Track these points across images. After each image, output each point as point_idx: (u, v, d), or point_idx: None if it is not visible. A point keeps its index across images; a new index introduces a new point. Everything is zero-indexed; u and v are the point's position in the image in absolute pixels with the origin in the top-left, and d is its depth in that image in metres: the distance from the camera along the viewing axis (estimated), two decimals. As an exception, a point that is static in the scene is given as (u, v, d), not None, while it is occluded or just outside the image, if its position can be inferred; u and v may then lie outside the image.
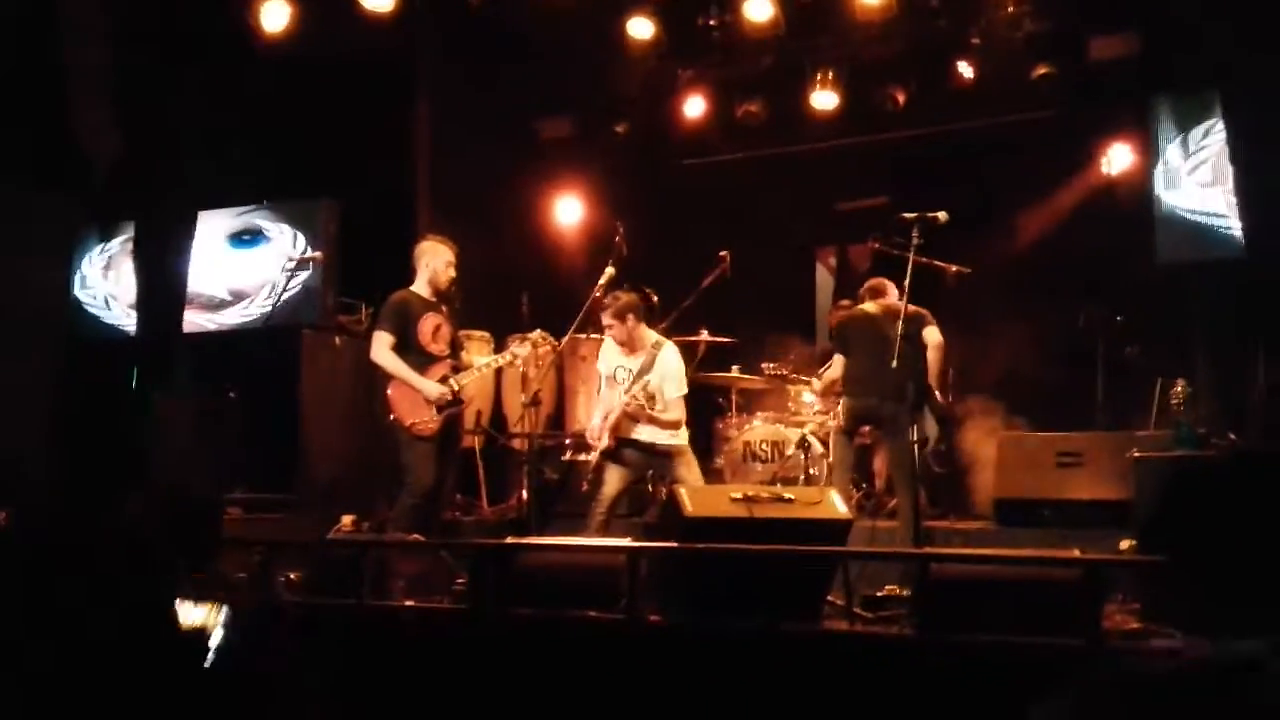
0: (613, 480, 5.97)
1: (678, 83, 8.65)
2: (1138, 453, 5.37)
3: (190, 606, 3.26)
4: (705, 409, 7.39)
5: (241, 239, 7.95)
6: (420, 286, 6.02)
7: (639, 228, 6.98)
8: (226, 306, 7.89)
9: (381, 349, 5.87)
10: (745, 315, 7.80)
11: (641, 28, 8.05)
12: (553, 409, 7.90)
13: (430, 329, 5.94)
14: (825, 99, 8.26)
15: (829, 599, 4.42)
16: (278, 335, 7.53)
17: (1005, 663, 3.53)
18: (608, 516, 5.94)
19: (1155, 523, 4.72)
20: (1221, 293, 6.35)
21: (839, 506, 4.69)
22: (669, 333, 6.59)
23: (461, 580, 4.88)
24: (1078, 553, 4.21)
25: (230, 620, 3.19)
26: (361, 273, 7.61)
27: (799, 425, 7.10)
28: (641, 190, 8.82)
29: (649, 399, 5.92)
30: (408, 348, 5.88)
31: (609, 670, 4.06)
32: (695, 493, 4.74)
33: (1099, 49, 7.56)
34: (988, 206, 7.72)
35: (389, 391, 5.85)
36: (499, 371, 7.45)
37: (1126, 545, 4.80)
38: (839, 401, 6.48)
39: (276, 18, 7.59)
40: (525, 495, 6.55)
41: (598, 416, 6.07)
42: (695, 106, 8.64)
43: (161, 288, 7.06)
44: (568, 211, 9.19)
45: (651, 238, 7.50)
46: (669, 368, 6.00)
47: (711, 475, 6.63)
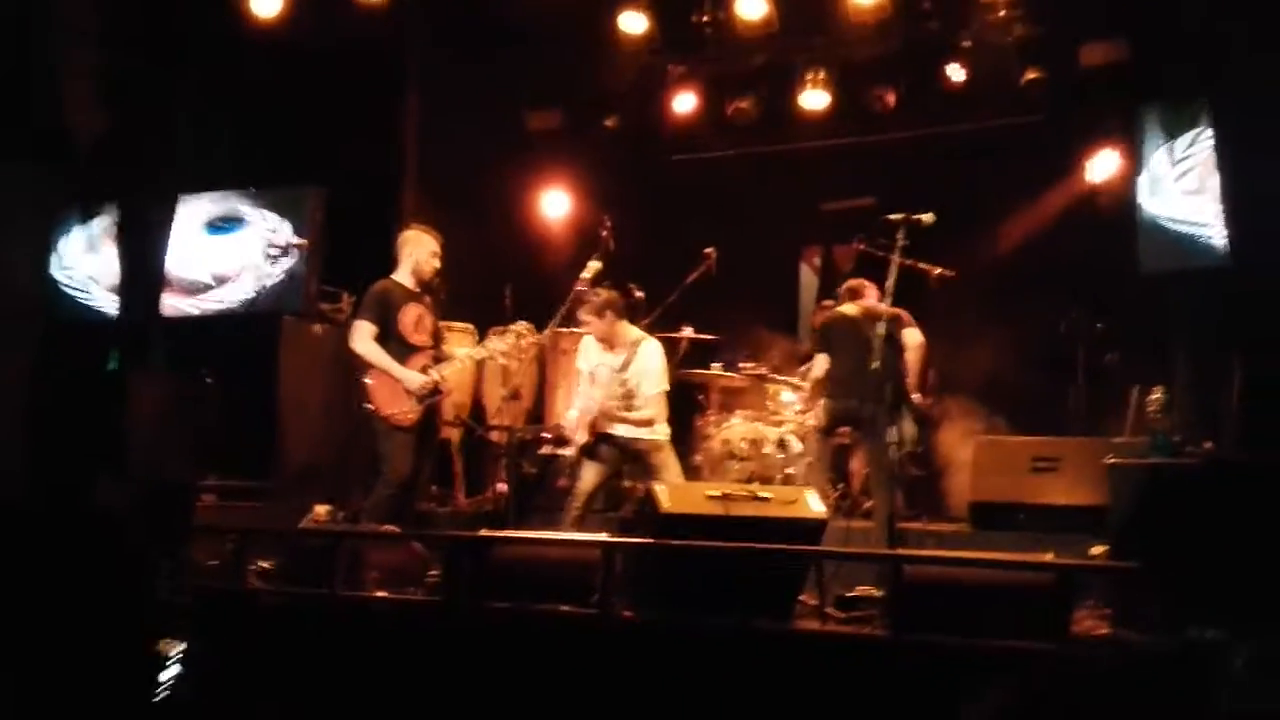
0: (589, 475, 5.97)
1: (668, 78, 8.63)
2: (1113, 459, 5.39)
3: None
4: (685, 406, 7.38)
5: (219, 225, 7.89)
6: (403, 276, 5.99)
7: (626, 222, 6.97)
8: (208, 290, 7.84)
9: (362, 338, 5.83)
10: (729, 313, 7.79)
11: (633, 22, 8.04)
12: (532, 403, 7.87)
13: (412, 319, 5.90)
14: (815, 98, 8.26)
15: (802, 598, 4.44)
16: (258, 321, 7.49)
17: (976, 665, 3.55)
18: (584, 511, 5.94)
19: (1129, 529, 4.75)
20: (1202, 302, 6.37)
21: (814, 506, 4.69)
22: (652, 329, 6.58)
23: (435, 572, 4.87)
24: (1051, 557, 4.23)
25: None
26: (344, 261, 7.58)
27: (778, 424, 7.10)
28: (629, 185, 8.79)
29: (628, 396, 5.92)
30: (389, 337, 5.84)
31: (582, 665, 4.07)
32: (671, 489, 4.74)
33: (1088, 55, 7.57)
34: (974, 210, 7.73)
35: (367, 381, 5.80)
36: (479, 363, 7.43)
37: (1098, 551, 4.82)
38: (820, 402, 6.48)
39: (267, 4, 7.54)
40: (503, 488, 6.53)
41: (574, 411, 6.06)
42: (685, 102, 8.62)
43: (142, 271, 7.02)
44: (555, 204, 9.15)
45: (638, 232, 7.48)
46: (648, 364, 5.99)
47: (689, 472, 6.62)
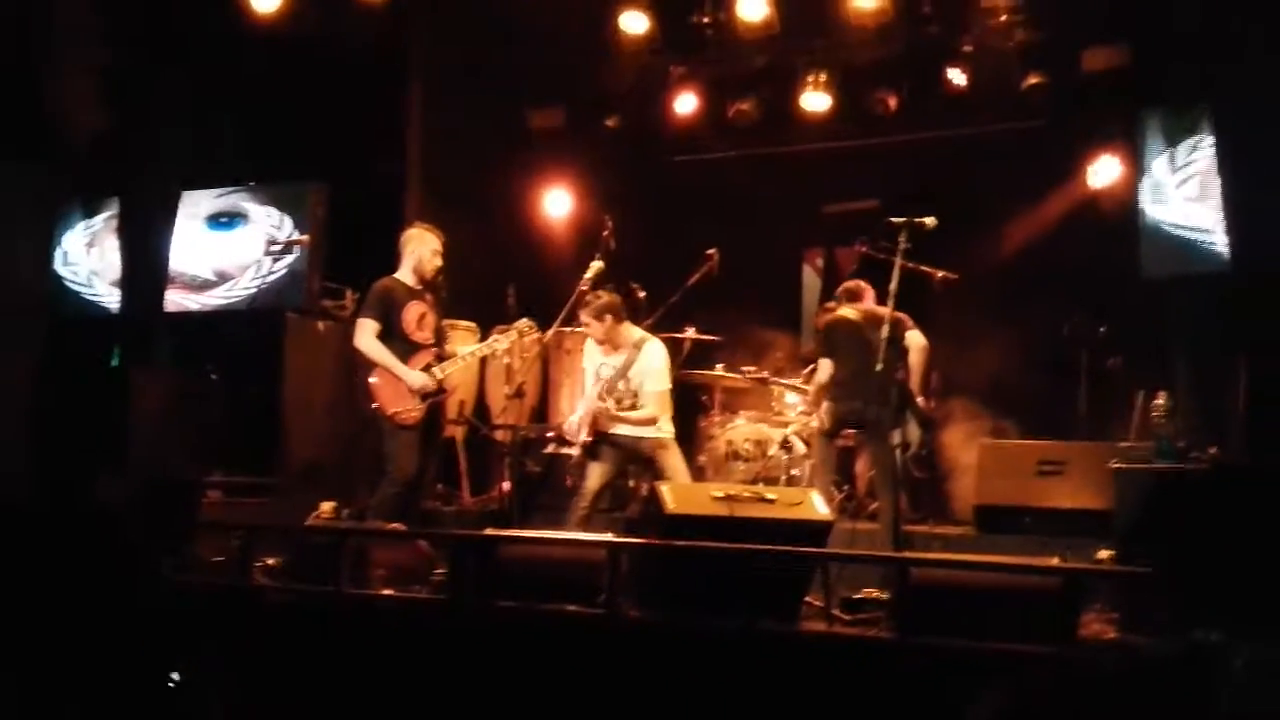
0: (595, 475, 5.97)
1: (670, 79, 8.63)
2: (1118, 464, 5.39)
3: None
4: (689, 407, 7.39)
5: (220, 221, 7.88)
6: (405, 274, 5.99)
7: (628, 222, 6.96)
8: (211, 287, 7.83)
9: (366, 336, 5.83)
10: (732, 313, 7.79)
11: (635, 22, 8.04)
12: (536, 401, 7.88)
13: (415, 317, 5.90)
14: (817, 100, 8.26)
15: (808, 600, 4.44)
16: (261, 318, 7.48)
17: (982, 668, 3.55)
18: (590, 511, 5.94)
19: (1135, 533, 4.75)
20: (1205, 307, 6.38)
21: (820, 508, 4.70)
22: (655, 329, 6.58)
23: (441, 571, 4.86)
24: (1057, 561, 4.23)
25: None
26: (347, 258, 7.57)
27: (782, 425, 7.11)
28: (631, 184, 8.80)
29: (631, 396, 5.92)
30: (392, 335, 5.84)
31: (587, 664, 4.06)
32: (677, 490, 4.75)
33: (1090, 60, 7.58)
34: (976, 213, 7.74)
35: (371, 380, 5.80)
36: (483, 362, 7.43)
37: (1105, 555, 4.82)
38: (823, 405, 6.48)
39: (269, 0, 7.52)
40: (507, 487, 6.53)
41: (577, 413, 6.06)
42: (687, 103, 8.62)
43: (144, 266, 7.01)
44: (557, 203, 9.15)
45: (640, 233, 7.48)
46: (650, 364, 6.00)
47: (694, 473, 6.62)
